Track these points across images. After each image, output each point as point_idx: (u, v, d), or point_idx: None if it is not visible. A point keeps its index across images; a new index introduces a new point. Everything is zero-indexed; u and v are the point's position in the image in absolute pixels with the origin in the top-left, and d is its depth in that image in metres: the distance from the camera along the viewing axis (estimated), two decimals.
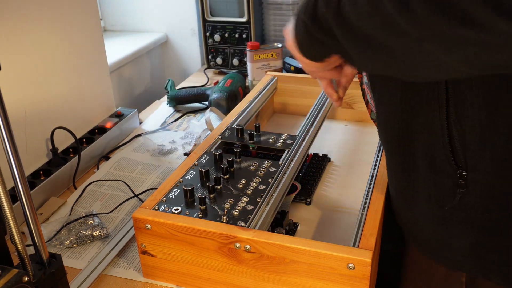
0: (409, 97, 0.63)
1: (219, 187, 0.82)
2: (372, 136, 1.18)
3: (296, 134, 0.96)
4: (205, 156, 0.91)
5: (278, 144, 0.92)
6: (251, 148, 0.94)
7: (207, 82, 1.62)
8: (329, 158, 1.09)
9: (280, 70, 1.49)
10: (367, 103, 0.86)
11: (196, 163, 0.89)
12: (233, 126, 1.01)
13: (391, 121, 0.68)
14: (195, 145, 1.21)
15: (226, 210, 0.76)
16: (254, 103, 1.14)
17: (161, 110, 1.43)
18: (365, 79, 0.83)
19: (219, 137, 0.97)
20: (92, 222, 0.93)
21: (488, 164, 0.59)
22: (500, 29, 0.40)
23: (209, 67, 1.68)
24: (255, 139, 0.95)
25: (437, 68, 0.49)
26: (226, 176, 0.84)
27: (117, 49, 1.66)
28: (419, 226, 0.71)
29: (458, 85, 0.57)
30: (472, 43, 0.43)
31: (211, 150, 0.92)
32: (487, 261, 0.66)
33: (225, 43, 1.63)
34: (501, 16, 0.40)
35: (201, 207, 0.77)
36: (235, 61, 1.64)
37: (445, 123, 0.60)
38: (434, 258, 0.72)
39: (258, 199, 0.79)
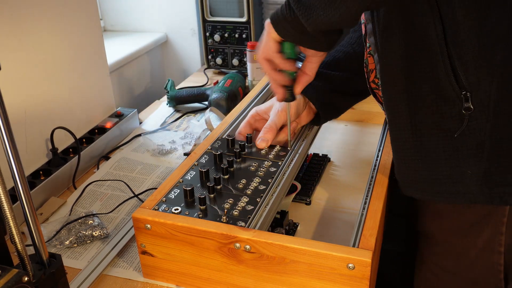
0: (410, 36, 0.68)
1: (219, 187, 0.82)
2: (372, 136, 1.18)
3: (289, 147, 0.93)
4: (205, 156, 0.91)
5: (270, 156, 0.90)
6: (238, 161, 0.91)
7: (207, 82, 1.62)
8: (329, 158, 1.09)
9: None
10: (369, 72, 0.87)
11: (196, 163, 0.89)
12: (223, 137, 0.97)
13: (395, 65, 0.71)
14: (195, 145, 1.21)
15: (226, 210, 0.76)
16: (254, 103, 1.14)
17: (161, 110, 1.43)
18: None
19: (209, 148, 0.93)
20: (92, 222, 0.93)
21: (488, 82, 0.63)
22: None
23: (209, 67, 1.68)
24: (246, 150, 0.92)
25: None
26: (226, 176, 0.84)
27: (117, 49, 1.66)
28: (431, 167, 0.72)
29: (449, 10, 0.63)
30: None
31: (212, 150, 0.92)
32: (503, 185, 0.68)
33: (225, 43, 1.63)
34: None
35: (201, 207, 0.77)
36: (235, 61, 1.64)
37: (445, 50, 0.65)
38: (450, 198, 0.73)
39: (258, 199, 0.79)
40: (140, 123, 1.35)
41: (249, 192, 0.80)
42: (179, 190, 0.82)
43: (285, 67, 0.79)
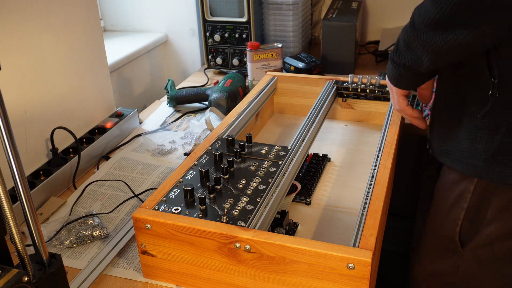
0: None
1: (219, 187, 0.82)
2: (372, 136, 1.18)
3: (289, 147, 0.94)
4: (205, 156, 0.91)
5: (270, 156, 0.91)
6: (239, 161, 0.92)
7: (207, 82, 1.62)
8: (329, 158, 1.09)
9: (280, 70, 1.49)
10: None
11: (196, 163, 0.89)
12: (223, 137, 0.97)
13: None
14: (195, 145, 1.21)
15: (226, 210, 0.76)
16: (254, 103, 1.14)
17: (161, 110, 1.43)
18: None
19: (209, 148, 0.94)
20: (92, 222, 0.93)
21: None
22: None
23: (209, 67, 1.68)
24: (246, 150, 0.92)
25: None
26: (226, 176, 0.84)
27: (117, 49, 1.66)
28: (457, 139, 0.84)
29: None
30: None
31: (212, 150, 0.92)
32: (508, 166, 0.78)
33: (225, 43, 1.63)
34: None
35: (201, 207, 0.77)
36: (235, 61, 1.64)
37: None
38: (463, 166, 0.84)
39: (258, 199, 0.79)
40: (140, 123, 1.35)
41: (249, 192, 0.80)
42: (179, 190, 0.82)
43: (415, 115, 0.95)
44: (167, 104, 1.44)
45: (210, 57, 1.66)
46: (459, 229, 0.87)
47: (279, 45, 1.49)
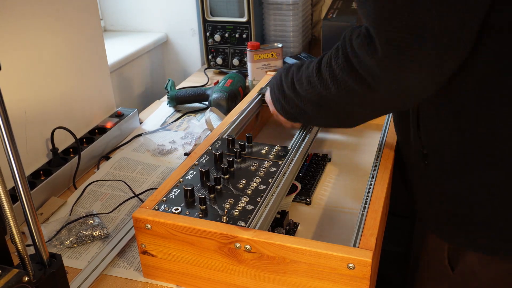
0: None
1: (219, 187, 0.82)
2: (372, 136, 1.18)
3: (289, 147, 0.94)
4: (205, 156, 0.91)
5: (270, 156, 0.91)
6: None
7: (207, 82, 1.62)
8: (329, 158, 1.09)
9: None
10: None
11: (196, 163, 0.89)
12: (224, 137, 0.98)
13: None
14: (195, 145, 1.21)
15: (226, 210, 0.76)
16: (254, 103, 1.14)
17: (161, 110, 1.43)
18: None
19: (209, 148, 0.94)
20: (92, 222, 0.93)
21: (440, 147, 0.76)
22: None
23: (209, 67, 1.68)
24: (246, 150, 0.93)
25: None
26: (226, 176, 0.84)
27: (117, 49, 1.66)
28: (410, 186, 0.90)
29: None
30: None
31: (212, 150, 0.92)
32: (450, 228, 0.81)
33: (225, 43, 1.63)
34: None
35: (201, 207, 0.77)
36: (235, 61, 1.64)
37: (415, 119, 0.80)
38: (426, 226, 0.89)
39: (258, 199, 0.79)
40: (140, 123, 1.35)
41: (249, 192, 0.81)
42: (179, 190, 0.82)
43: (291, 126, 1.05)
44: (167, 104, 1.44)
45: (210, 57, 1.66)
46: (447, 253, 0.86)
47: (279, 45, 1.49)
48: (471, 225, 0.77)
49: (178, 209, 0.77)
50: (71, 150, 1.13)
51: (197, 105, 1.44)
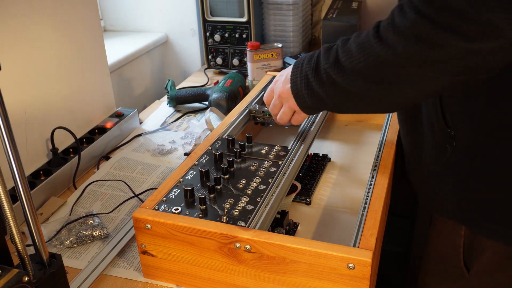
0: None
1: (219, 187, 0.82)
2: (372, 136, 1.18)
3: (289, 147, 0.94)
4: (205, 156, 0.91)
5: (270, 156, 0.91)
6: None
7: (207, 82, 1.62)
8: (329, 158, 1.09)
9: (280, 70, 1.49)
10: None
11: (196, 163, 0.89)
12: (223, 137, 0.97)
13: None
14: (195, 145, 1.21)
15: (226, 210, 0.76)
16: (254, 103, 1.14)
17: (161, 110, 1.43)
18: None
19: (209, 148, 0.94)
20: (92, 222, 0.93)
21: (468, 126, 0.74)
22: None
23: (209, 67, 1.68)
24: (246, 150, 0.92)
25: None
26: (226, 176, 0.84)
27: (117, 49, 1.66)
28: (425, 183, 0.87)
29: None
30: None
31: (212, 150, 0.92)
32: (475, 215, 0.78)
33: (225, 43, 1.63)
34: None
35: (201, 207, 0.77)
36: (235, 61, 1.64)
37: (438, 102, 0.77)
38: (438, 211, 0.88)
39: (258, 199, 0.79)
40: (140, 123, 1.35)
41: (249, 192, 0.81)
42: (179, 190, 0.82)
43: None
44: (167, 104, 1.44)
45: (210, 57, 1.66)
46: (462, 256, 0.85)
47: (279, 45, 1.49)
48: (496, 211, 0.76)
49: (178, 209, 0.77)
50: (71, 150, 1.13)
51: (197, 105, 1.44)
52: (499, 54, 0.60)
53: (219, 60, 1.65)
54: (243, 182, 0.83)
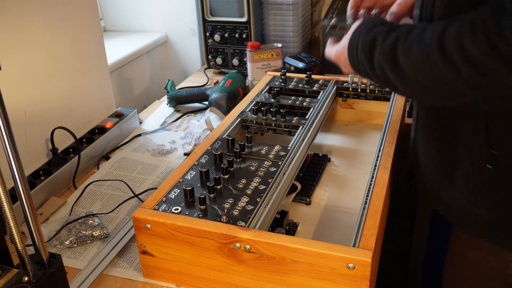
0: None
1: (219, 187, 0.82)
2: (372, 136, 1.18)
3: (289, 147, 0.94)
4: (205, 156, 0.91)
5: (270, 156, 0.91)
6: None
7: (207, 82, 1.62)
8: (329, 158, 1.09)
9: (280, 70, 1.49)
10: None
11: (196, 163, 0.89)
12: (223, 137, 0.97)
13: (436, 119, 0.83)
14: (195, 145, 1.21)
15: (226, 210, 0.76)
16: (254, 103, 1.14)
17: (161, 110, 1.43)
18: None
19: (209, 148, 0.94)
20: (92, 222, 0.93)
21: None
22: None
23: (209, 67, 1.68)
24: (246, 150, 0.92)
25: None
26: (226, 176, 0.84)
27: (117, 49, 1.66)
28: (455, 201, 0.82)
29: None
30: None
31: (212, 150, 0.92)
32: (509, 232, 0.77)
33: (225, 43, 1.63)
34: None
35: (201, 207, 0.77)
36: (235, 61, 1.64)
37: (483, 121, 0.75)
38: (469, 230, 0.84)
39: (258, 199, 0.79)
40: (140, 123, 1.35)
41: (249, 192, 0.80)
42: (179, 190, 0.82)
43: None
44: (167, 104, 1.44)
45: (210, 57, 1.66)
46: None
47: (279, 45, 1.49)
48: None
49: (178, 209, 0.77)
50: (71, 150, 1.13)
51: (197, 105, 1.44)
52: None
53: (219, 60, 1.65)
54: (243, 182, 0.83)
